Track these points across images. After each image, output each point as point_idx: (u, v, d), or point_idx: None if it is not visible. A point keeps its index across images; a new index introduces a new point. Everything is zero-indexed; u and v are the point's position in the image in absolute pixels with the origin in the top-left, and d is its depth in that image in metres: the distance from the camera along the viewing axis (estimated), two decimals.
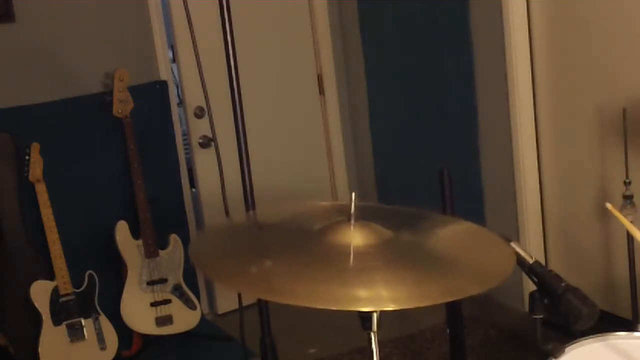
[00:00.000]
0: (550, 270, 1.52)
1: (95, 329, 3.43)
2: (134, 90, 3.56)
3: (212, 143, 2.62)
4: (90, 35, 3.70)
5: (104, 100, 3.57)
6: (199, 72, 2.37)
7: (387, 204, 1.79)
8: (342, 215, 1.44)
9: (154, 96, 3.83)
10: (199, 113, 3.99)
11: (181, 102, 4.15)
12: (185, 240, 3.73)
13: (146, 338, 3.63)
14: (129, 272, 3.57)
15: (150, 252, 3.59)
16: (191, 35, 2.33)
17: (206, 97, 2.44)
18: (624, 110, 2.63)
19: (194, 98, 3.95)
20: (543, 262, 2.61)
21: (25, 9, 3.51)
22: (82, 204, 3.66)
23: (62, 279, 3.37)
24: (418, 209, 1.63)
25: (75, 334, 3.39)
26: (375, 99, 4.30)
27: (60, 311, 3.37)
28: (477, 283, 1.32)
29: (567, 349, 1.53)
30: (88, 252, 3.61)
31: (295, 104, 4.32)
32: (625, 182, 2.67)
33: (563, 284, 1.48)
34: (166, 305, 3.61)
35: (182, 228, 3.87)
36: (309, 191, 4.28)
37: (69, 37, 3.65)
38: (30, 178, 3.35)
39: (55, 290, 3.36)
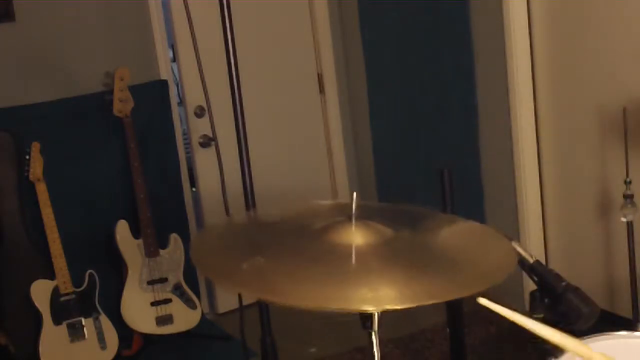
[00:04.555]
0: (551, 270, 1.52)
1: (96, 328, 3.43)
2: (134, 89, 3.56)
3: (213, 142, 2.62)
4: (90, 35, 3.70)
5: (104, 99, 3.57)
6: (199, 71, 2.37)
7: (388, 202, 1.78)
8: (343, 215, 1.43)
9: (154, 95, 3.83)
10: (199, 112, 3.98)
11: (181, 102, 4.14)
12: (186, 240, 3.73)
13: (146, 337, 3.63)
14: (130, 272, 3.58)
15: (151, 252, 3.60)
16: (191, 35, 2.33)
17: (206, 96, 2.44)
18: (625, 109, 2.63)
19: (194, 97, 3.95)
20: (543, 262, 2.61)
21: (25, 8, 3.51)
22: (82, 204, 3.66)
23: (63, 278, 3.37)
24: (418, 207, 1.63)
25: (76, 333, 3.38)
26: (375, 98, 4.30)
27: (61, 310, 3.37)
28: (480, 281, 1.31)
29: None
30: (88, 252, 3.60)
31: (295, 103, 4.32)
32: (625, 182, 2.66)
33: (563, 284, 1.48)
34: (166, 305, 3.61)
35: (183, 227, 3.87)
36: (309, 190, 4.28)
37: (69, 37, 3.65)
38: (31, 177, 3.35)
39: (55, 290, 3.36)
